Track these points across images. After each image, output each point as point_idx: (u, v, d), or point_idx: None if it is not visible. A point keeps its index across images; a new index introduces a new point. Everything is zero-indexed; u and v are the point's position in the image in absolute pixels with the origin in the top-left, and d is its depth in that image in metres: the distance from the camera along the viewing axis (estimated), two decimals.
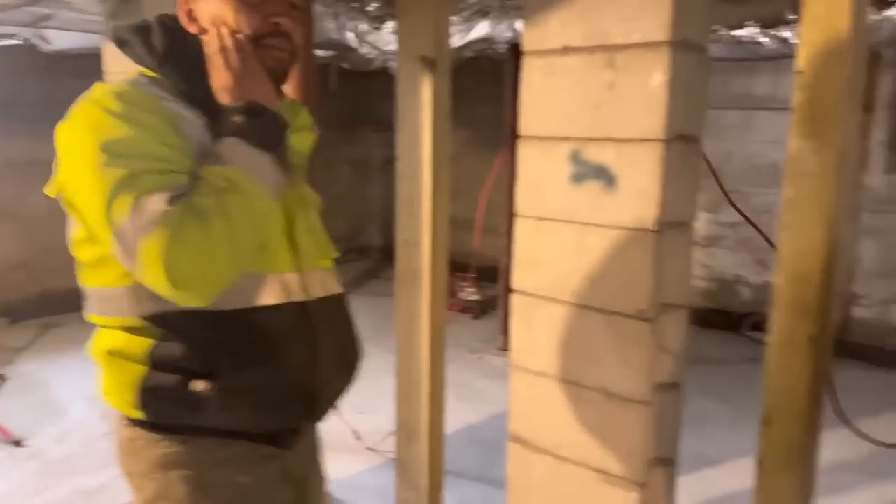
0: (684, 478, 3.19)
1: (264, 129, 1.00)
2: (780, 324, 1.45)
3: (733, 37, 2.49)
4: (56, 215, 1.13)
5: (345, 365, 1.31)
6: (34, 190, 4.75)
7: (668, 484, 1.78)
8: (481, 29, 3.01)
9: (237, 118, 0.98)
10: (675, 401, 1.76)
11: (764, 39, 2.36)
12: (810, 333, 1.41)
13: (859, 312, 4.73)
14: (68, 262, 1.14)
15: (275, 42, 1.08)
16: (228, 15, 1.05)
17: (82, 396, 3.45)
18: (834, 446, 3.48)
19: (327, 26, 3.30)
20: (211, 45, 1.03)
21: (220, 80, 1.01)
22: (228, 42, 1.02)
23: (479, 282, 5.30)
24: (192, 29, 1.10)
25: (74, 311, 5.02)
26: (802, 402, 1.44)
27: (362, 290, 6.10)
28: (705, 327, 5.01)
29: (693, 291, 5.33)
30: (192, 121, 1.04)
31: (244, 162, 0.96)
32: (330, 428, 3.67)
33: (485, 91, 4.96)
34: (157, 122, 0.98)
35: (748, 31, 2.43)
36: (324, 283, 1.25)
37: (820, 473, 3.15)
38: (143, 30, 1.08)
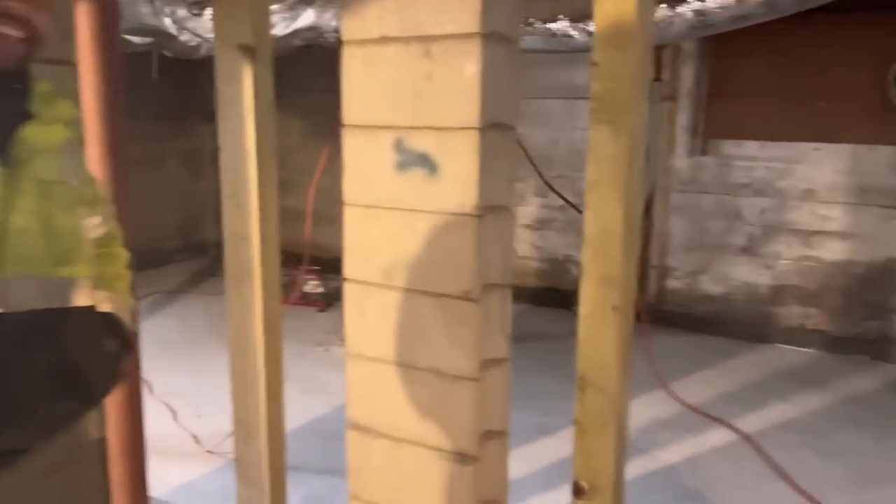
0: (524, 448, 3.39)
1: None
2: (588, 296, 1.57)
3: (547, 29, 2.65)
4: None
5: (66, 388, 1.14)
6: None
7: (501, 455, 1.88)
8: (307, 17, 2.97)
9: None
10: (503, 376, 1.86)
11: (574, 32, 2.53)
12: (614, 303, 1.54)
13: (672, 283, 5.22)
14: None
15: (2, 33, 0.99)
16: None
17: None
18: (651, 406, 3.85)
19: (141, 11, 3.10)
20: None
21: None
22: None
23: (324, 274, 5.25)
24: None
25: None
26: (611, 367, 1.57)
27: (199, 289, 5.84)
28: (539, 305, 5.31)
29: (527, 272, 5.63)
30: None
31: None
32: (167, 434, 3.51)
33: (318, 80, 4.89)
34: None
35: (560, 25, 2.60)
36: (46, 293, 1.11)
37: (638, 431, 3.44)
38: None
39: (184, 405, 3.52)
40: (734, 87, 4.84)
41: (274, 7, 2.94)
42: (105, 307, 1.28)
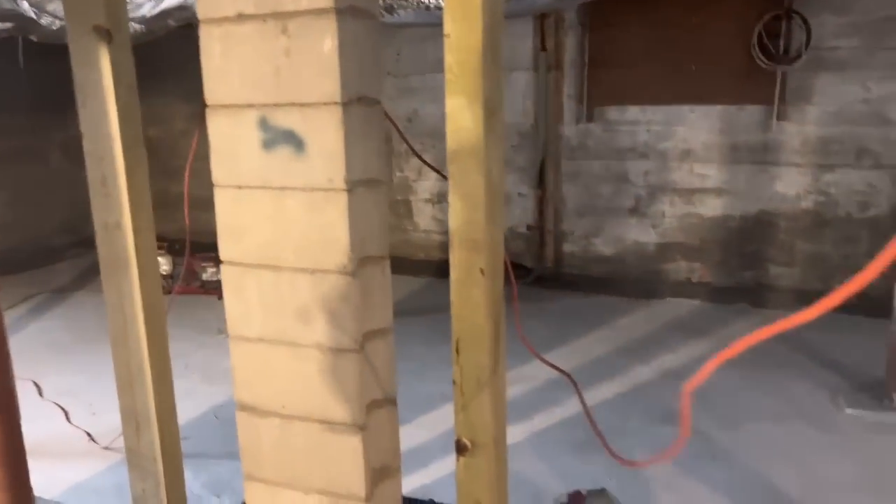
0: (428, 416, 3.47)
1: None
2: (458, 261, 1.63)
3: (420, 2, 2.68)
4: None
5: None
6: None
7: (391, 422, 1.93)
8: None
9: None
10: (387, 345, 1.90)
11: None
12: (481, 266, 1.60)
13: (568, 247, 5.42)
14: None
15: None
16: None
17: None
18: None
19: None
20: None
21: None
22: None
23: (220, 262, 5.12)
24: None
25: None
26: (483, 328, 1.64)
27: (90, 286, 5.59)
28: (443, 277, 5.39)
29: (430, 245, 5.71)
30: None
31: None
32: (60, 434, 3.39)
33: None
34: None
35: None
36: None
37: (533, 393, 3.55)
38: None
39: (76, 404, 3.40)
40: (614, 54, 5.03)
41: None
42: None
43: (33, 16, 3.12)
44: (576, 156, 5.23)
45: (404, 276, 5.41)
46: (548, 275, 5.37)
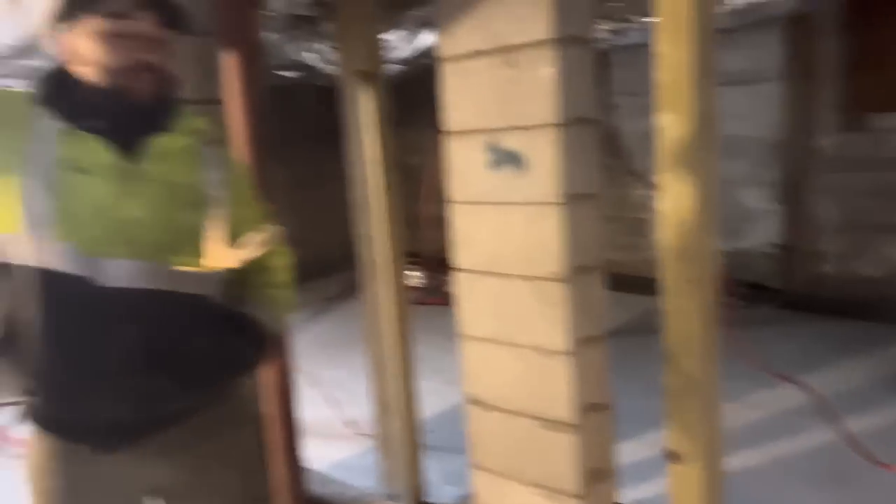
0: (655, 433, 3.42)
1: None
2: (668, 270, 1.68)
3: (643, 23, 2.72)
4: None
5: (155, 368, 1.19)
6: None
7: (606, 427, 2.01)
8: (427, 38, 3.25)
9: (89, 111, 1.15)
10: (600, 352, 2.00)
11: None
12: (691, 276, 1.64)
13: (823, 268, 4.94)
14: None
15: (139, 76, 1.16)
16: (91, 53, 1.14)
17: None
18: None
19: (287, 49, 3.57)
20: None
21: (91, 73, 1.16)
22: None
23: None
24: (62, 57, 1.19)
25: None
26: (694, 336, 1.67)
27: (358, 296, 6.29)
28: None
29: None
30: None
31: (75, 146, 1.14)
32: (324, 419, 3.91)
33: None
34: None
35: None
36: (155, 277, 1.18)
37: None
38: None
39: (340, 394, 3.94)
40: (881, 56, 4.52)
41: (397, 32, 3.26)
42: (244, 307, 1.36)
43: (319, 64, 3.74)
44: (834, 169, 4.77)
45: (638, 294, 5.36)
46: (798, 298, 4.94)
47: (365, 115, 2.29)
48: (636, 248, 5.61)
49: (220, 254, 1.28)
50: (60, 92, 1.16)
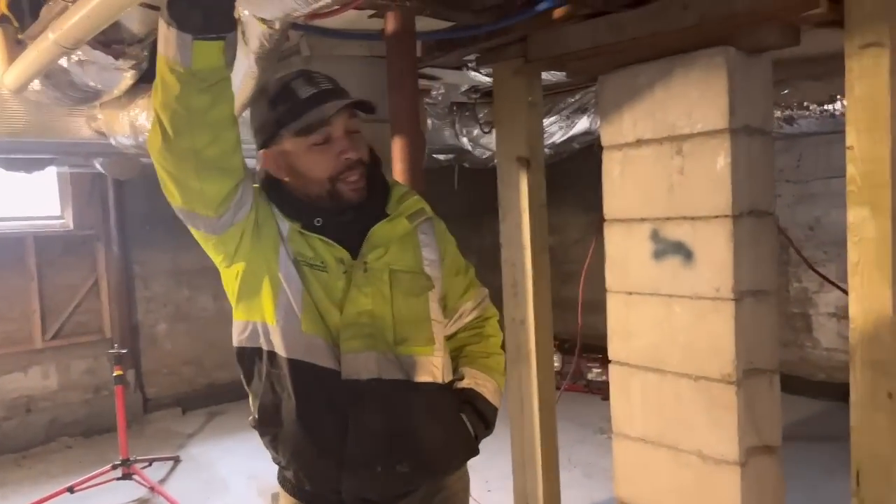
0: None
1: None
2: (859, 382, 1.51)
3: (825, 111, 2.57)
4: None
5: (399, 455, 1.22)
6: (203, 293, 5.35)
7: None
8: (582, 124, 3.27)
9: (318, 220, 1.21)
10: (773, 464, 1.81)
11: None
12: (889, 390, 1.46)
13: None
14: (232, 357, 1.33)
15: (349, 175, 1.20)
16: (305, 165, 1.19)
17: (243, 475, 3.88)
18: None
19: (445, 134, 3.72)
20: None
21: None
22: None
23: (607, 362, 5.32)
24: (276, 174, 1.24)
25: (236, 399, 5.45)
26: (888, 457, 1.48)
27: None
28: (848, 402, 4.72)
29: (834, 365, 5.08)
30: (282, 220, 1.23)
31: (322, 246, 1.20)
32: None
33: (601, 177, 5.15)
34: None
35: (839, 105, 2.51)
36: (389, 366, 1.22)
37: None
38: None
39: (475, 479, 3.85)
40: None
41: (552, 118, 3.30)
42: (466, 383, 1.34)
43: (470, 148, 3.86)
44: None
45: (802, 396, 4.88)
46: None
47: (521, 200, 2.30)
48: (796, 345, 5.19)
49: (443, 329, 1.32)
50: (281, 196, 1.23)
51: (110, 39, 1.73)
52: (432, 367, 1.27)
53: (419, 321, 1.27)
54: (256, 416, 1.26)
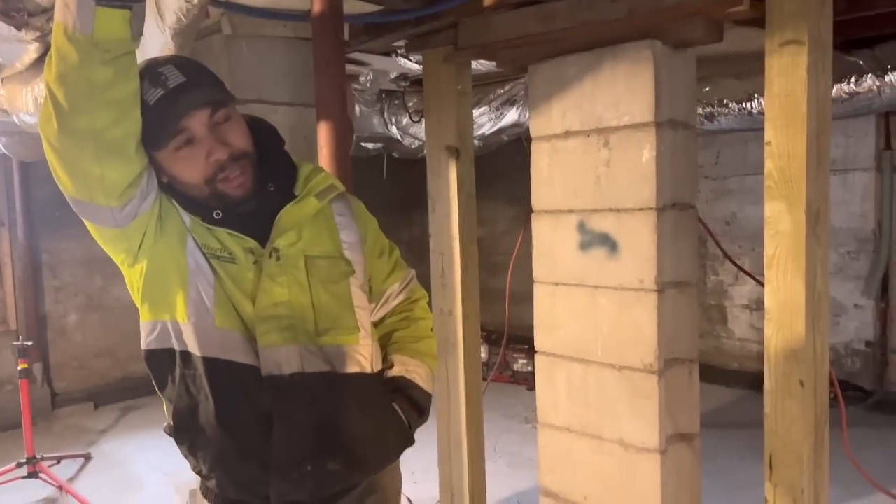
0: None
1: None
2: (773, 371, 1.56)
3: (743, 108, 2.67)
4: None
5: (329, 452, 1.17)
6: (118, 282, 5.13)
7: None
8: (511, 116, 3.27)
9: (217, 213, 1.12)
10: (692, 452, 1.86)
11: None
12: (800, 378, 1.52)
13: None
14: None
15: (226, 173, 1.09)
16: (177, 173, 1.10)
17: (160, 472, 3.73)
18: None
19: (373, 122, 3.65)
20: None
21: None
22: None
23: (533, 353, 5.40)
24: (161, 177, 1.12)
25: (152, 394, 5.31)
26: (800, 443, 1.53)
27: None
28: (759, 391, 4.95)
29: (746, 355, 5.31)
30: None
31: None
32: None
33: (528, 170, 5.20)
34: None
35: (757, 104, 2.61)
36: (313, 359, 1.16)
37: None
38: None
39: (402, 470, 3.83)
40: None
41: (481, 109, 3.29)
42: (397, 371, 1.28)
43: (399, 137, 3.81)
44: None
45: (716, 385, 5.08)
46: (891, 399, 4.61)
47: (451, 190, 2.28)
48: (712, 335, 5.39)
49: (368, 316, 1.25)
50: (175, 191, 1.14)
51: (11, 7, 1.61)
52: (359, 357, 1.21)
53: (342, 309, 1.20)
54: (171, 423, 1.18)
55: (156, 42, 1.61)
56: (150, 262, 1.11)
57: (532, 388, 5.66)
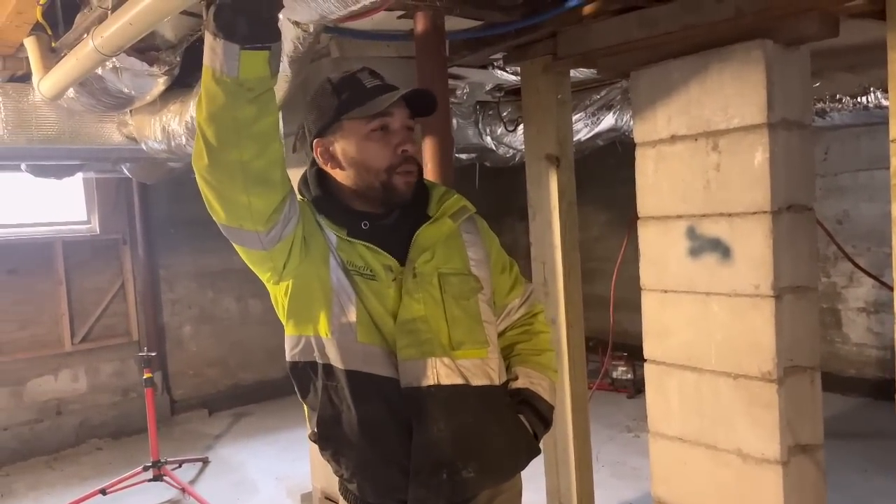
0: None
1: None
2: None
3: (858, 103, 2.53)
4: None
5: (464, 460, 1.20)
6: (227, 295, 5.39)
7: None
8: (608, 121, 3.24)
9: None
10: (815, 463, 1.78)
11: (886, 102, 2.37)
12: None
13: None
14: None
15: (406, 167, 1.20)
16: (363, 152, 1.18)
17: (272, 477, 3.91)
18: None
19: (468, 133, 3.71)
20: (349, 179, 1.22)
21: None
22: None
23: (633, 360, 5.29)
24: (328, 167, 1.22)
25: (261, 400, 5.45)
26: None
27: None
28: (880, 399, 4.64)
29: (864, 361, 5.01)
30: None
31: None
32: None
33: (621, 174, 5.11)
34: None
35: (872, 97, 2.47)
36: (447, 372, 1.20)
37: None
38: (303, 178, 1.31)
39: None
40: None
41: (577, 115, 3.28)
42: (522, 383, 1.32)
43: (493, 147, 3.85)
44: None
45: (831, 393, 4.83)
46: None
47: (551, 199, 2.28)
48: (826, 340, 5.12)
49: (495, 330, 1.30)
50: (328, 201, 1.22)
51: (145, 46, 1.75)
52: (488, 370, 1.25)
53: (472, 323, 1.25)
54: (316, 431, 1.25)
55: None
56: (295, 281, 1.17)
57: (632, 396, 5.54)
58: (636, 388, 5.33)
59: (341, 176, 1.22)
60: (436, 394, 1.18)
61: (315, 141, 1.21)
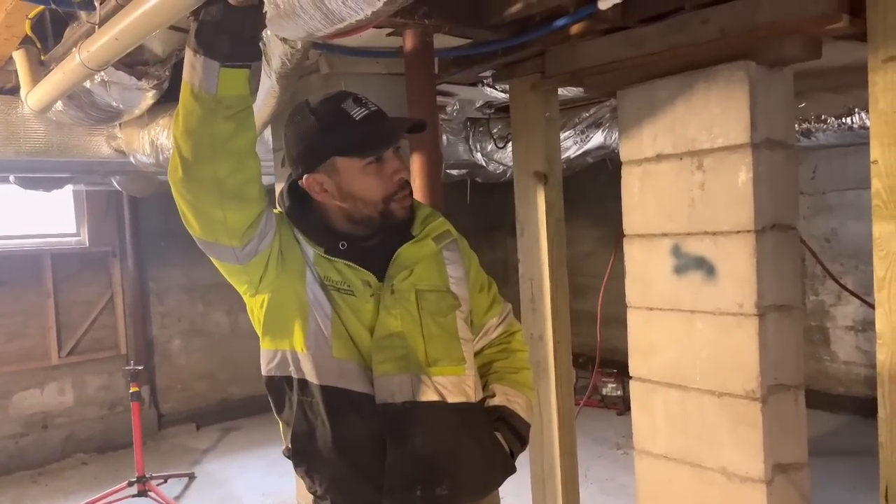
0: None
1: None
2: (887, 398, 1.49)
3: (843, 123, 2.56)
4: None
5: (439, 477, 1.20)
6: (217, 308, 5.36)
7: None
8: (596, 139, 3.26)
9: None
10: (801, 482, 1.78)
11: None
12: None
13: None
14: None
15: (402, 194, 1.19)
16: (360, 187, 1.17)
17: (258, 493, 3.88)
18: None
19: (459, 149, 3.73)
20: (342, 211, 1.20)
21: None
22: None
23: (622, 377, 5.29)
24: (320, 198, 1.19)
25: (249, 415, 5.41)
26: None
27: None
28: (869, 417, 4.66)
29: (852, 379, 5.03)
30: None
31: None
32: None
33: (611, 190, 5.13)
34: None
35: (857, 118, 2.50)
36: (423, 388, 1.20)
37: None
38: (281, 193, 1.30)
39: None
40: None
41: (566, 133, 3.30)
42: (498, 400, 1.32)
43: (483, 163, 3.87)
44: None
45: (819, 410, 4.83)
46: None
47: (539, 215, 2.29)
48: (814, 359, 5.14)
49: (472, 347, 1.30)
50: (307, 221, 1.21)
51: (133, 60, 1.75)
52: (465, 387, 1.25)
53: (449, 340, 1.25)
54: (290, 446, 1.24)
55: (262, 86, 1.71)
56: (271, 295, 1.17)
57: (621, 413, 5.53)
58: (626, 404, 5.32)
59: (335, 206, 1.20)
60: (411, 410, 1.18)
61: (306, 177, 1.18)
